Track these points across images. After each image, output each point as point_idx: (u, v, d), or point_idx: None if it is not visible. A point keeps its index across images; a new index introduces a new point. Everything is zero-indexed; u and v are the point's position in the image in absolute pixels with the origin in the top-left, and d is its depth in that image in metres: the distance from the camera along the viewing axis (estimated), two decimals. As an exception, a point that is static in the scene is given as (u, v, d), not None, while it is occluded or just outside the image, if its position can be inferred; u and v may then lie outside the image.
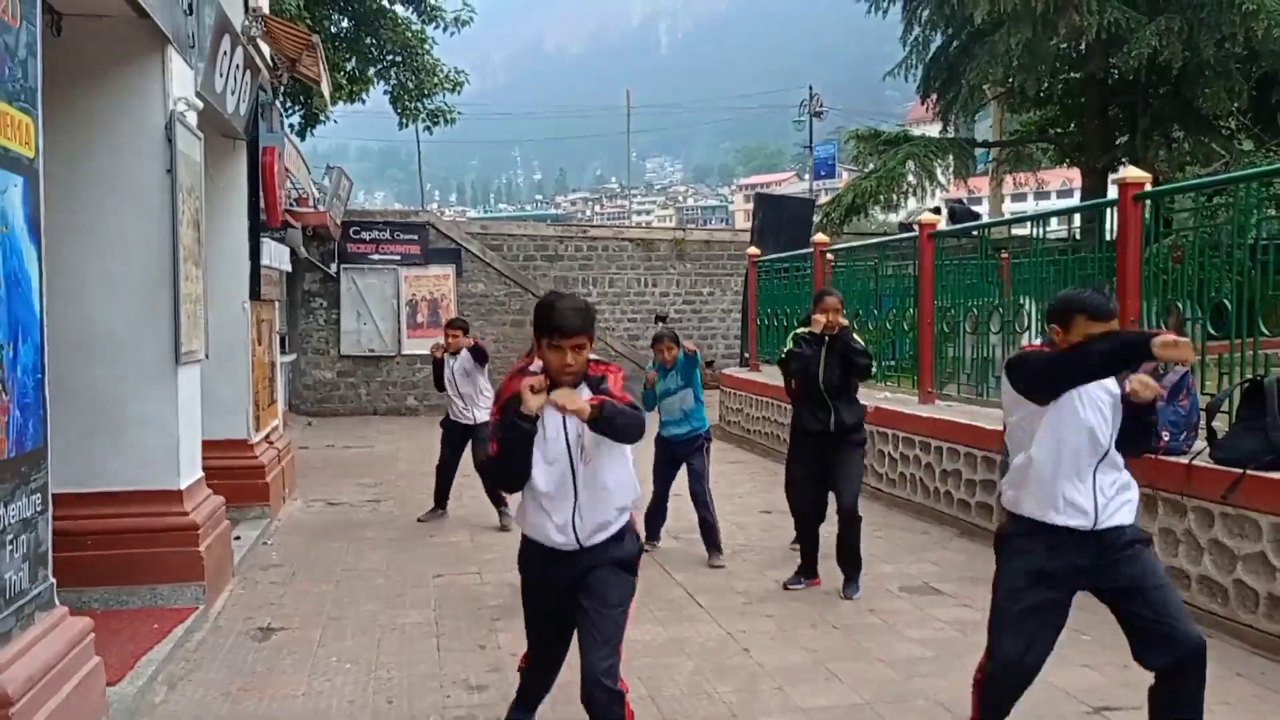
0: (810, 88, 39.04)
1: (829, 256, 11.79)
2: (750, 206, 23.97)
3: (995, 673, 3.56)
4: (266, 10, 9.22)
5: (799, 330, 6.31)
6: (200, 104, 6.33)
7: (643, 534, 3.53)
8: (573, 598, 3.42)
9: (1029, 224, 9.22)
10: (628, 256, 19.60)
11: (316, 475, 10.82)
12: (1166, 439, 5.49)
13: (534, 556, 3.50)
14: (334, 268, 17.35)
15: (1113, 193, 6.81)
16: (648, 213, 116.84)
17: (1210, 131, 17.04)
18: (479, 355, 8.34)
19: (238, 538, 7.16)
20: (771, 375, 12.88)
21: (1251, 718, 4.23)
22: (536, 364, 3.34)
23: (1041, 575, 3.44)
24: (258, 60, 8.30)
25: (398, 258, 17.62)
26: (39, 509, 3.62)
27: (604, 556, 3.41)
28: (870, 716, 4.26)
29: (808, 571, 6.31)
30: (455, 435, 8.52)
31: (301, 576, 6.74)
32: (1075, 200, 29.01)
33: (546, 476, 3.35)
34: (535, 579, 3.55)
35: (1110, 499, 3.43)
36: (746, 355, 14.46)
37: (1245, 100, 16.64)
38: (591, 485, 3.37)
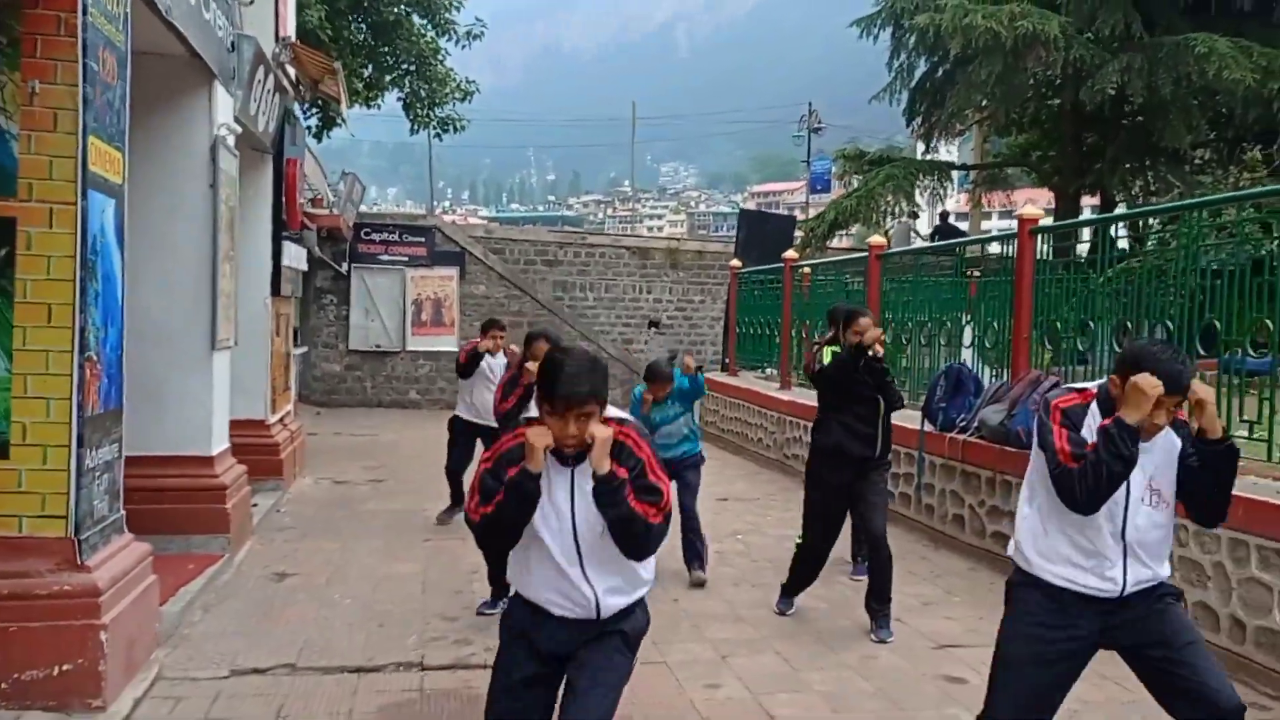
0: (810, 104, 40.25)
1: (805, 271, 12.82)
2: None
3: None
4: (294, 37, 10.33)
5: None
6: (239, 128, 7.41)
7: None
8: (559, 675, 3.00)
9: (953, 249, 10.25)
10: (624, 264, 20.67)
11: (325, 458, 11.87)
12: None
13: (528, 615, 3.02)
14: (345, 267, 18.34)
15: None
16: (659, 217, 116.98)
17: (1174, 163, 18.04)
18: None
19: (255, 504, 8.22)
20: (746, 380, 13.95)
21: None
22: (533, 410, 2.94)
23: (1050, 642, 3.04)
24: (285, 83, 9.40)
25: (405, 259, 18.62)
26: (115, 455, 4.70)
27: (611, 626, 2.98)
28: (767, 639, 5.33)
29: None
30: (469, 435, 8.28)
31: (311, 537, 7.82)
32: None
33: (551, 540, 2.93)
34: (520, 638, 3.03)
35: (1143, 560, 2.99)
36: (726, 361, 15.51)
37: (1201, 135, 17.66)
38: (602, 558, 2.93)
